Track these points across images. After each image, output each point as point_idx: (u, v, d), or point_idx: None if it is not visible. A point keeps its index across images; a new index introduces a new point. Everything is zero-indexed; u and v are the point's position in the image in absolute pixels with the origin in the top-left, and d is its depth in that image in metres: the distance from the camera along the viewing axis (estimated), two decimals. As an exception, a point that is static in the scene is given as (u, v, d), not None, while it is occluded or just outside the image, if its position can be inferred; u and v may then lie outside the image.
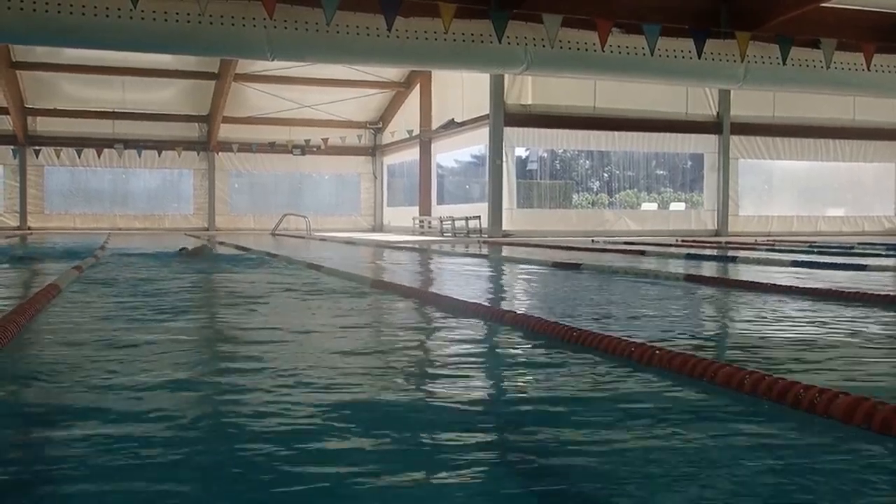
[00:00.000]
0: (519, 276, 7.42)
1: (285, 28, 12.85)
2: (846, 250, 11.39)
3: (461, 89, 21.94)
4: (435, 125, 23.66)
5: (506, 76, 18.79)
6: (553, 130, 20.34)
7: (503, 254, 11.09)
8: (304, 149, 26.23)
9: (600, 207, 22.77)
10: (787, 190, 23.48)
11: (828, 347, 3.18)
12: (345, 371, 2.61)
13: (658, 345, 2.78)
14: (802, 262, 8.39)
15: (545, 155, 23.00)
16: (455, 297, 4.78)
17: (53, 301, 4.47)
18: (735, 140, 21.66)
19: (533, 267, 8.32)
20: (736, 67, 15.08)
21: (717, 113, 21.45)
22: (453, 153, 24.66)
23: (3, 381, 2.45)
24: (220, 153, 26.66)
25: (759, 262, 8.92)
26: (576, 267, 7.62)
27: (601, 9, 14.21)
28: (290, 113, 25.83)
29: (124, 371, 2.55)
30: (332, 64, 18.38)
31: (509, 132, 19.56)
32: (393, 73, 24.55)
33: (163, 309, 4.24)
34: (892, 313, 4.28)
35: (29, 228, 24.74)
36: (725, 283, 6.18)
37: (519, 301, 5.35)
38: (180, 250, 10.64)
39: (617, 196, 23.09)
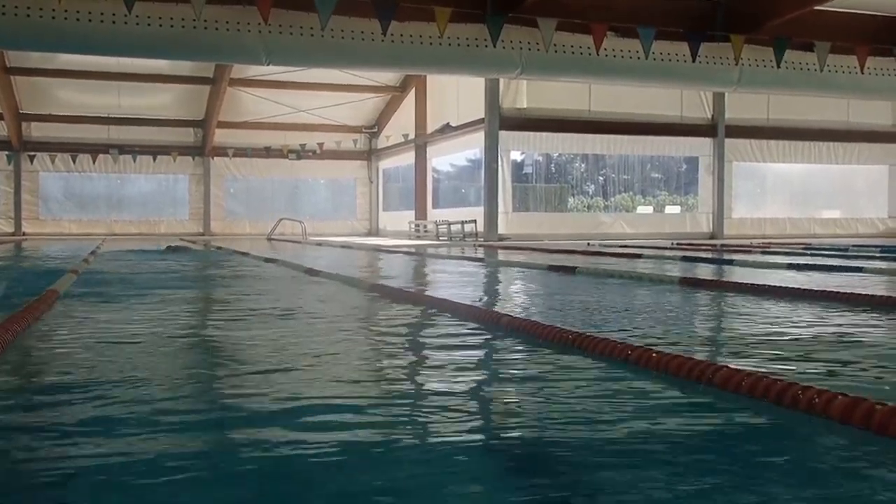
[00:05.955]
0: (515, 280, 7.42)
1: (280, 33, 12.83)
2: (841, 252, 11.41)
3: (456, 93, 21.96)
4: (430, 129, 23.68)
5: (501, 80, 18.81)
6: (548, 134, 20.37)
7: (499, 257, 11.08)
8: (300, 153, 26.23)
9: (596, 211, 22.83)
10: (781, 192, 23.55)
11: (828, 348, 3.19)
12: (342, 371, 2.61)
13: (654, 347, 2.79)
14: (799, 264, 8.40)
15: (540, 159, 23.05)
16: (451, 300, 4.78)
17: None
18: (730, 143, 21.71)
19: (529, 270, 8.31)
20: (730, 70, 15.12)
21: (712, 116, 21.51)
22: (449, 157, 24.69)
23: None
24: (215, 158, 26.66)
25: (755, 264, 8.93)
26: (571, 270, 7.62)
27: (596, 12, 14.22)
28: (285, 118, 25.82)
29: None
30: (328, 68, 18.40)
31: (504, 136, 19.58)
32: (388, 77, 24.57)
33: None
34: (890, 315, 4.28)
35: (24, 234, 24.69)
36: (721, 286, 6.18)
37: (514, 304, 5.34)
38: (166, 248, 11.41)
39: (612, 199, 23.14)
